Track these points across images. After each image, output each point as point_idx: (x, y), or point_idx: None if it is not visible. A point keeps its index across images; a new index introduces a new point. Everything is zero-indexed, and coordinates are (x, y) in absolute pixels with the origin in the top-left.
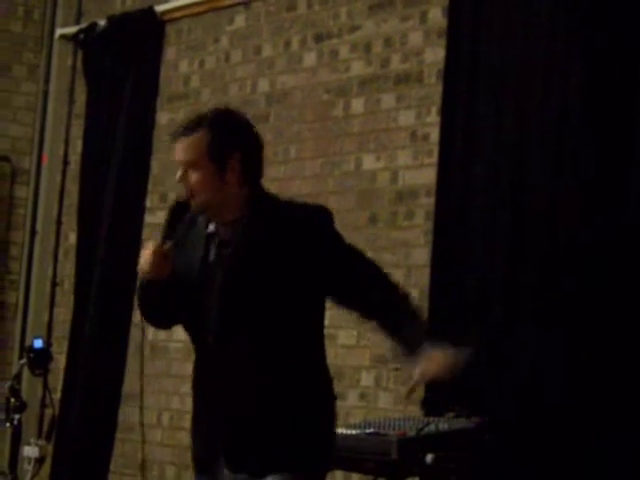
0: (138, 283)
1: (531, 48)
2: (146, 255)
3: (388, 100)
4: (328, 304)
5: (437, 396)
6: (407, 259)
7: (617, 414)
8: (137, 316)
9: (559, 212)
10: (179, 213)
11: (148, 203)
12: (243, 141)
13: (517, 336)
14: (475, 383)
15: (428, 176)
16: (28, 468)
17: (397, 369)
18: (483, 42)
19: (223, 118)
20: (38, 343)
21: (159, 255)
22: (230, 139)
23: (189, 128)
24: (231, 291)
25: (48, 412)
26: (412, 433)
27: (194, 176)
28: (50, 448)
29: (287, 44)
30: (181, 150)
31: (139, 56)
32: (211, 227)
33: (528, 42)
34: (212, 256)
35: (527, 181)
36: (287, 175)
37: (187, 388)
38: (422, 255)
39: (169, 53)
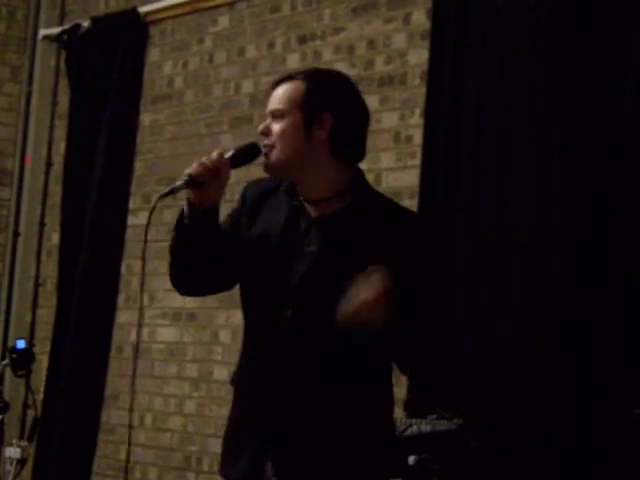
0: (176, 222)
1: (515, 49)
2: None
3: (372, 102)
4: None
5: (419, 397)
6: None
7: (602, 415)
8: (120, 317)
9: (545, 213)
10: (251, 153)
11: (131, 204)
12: (339, 103)
13: (500, 337)
14: (458, 384)
15: (411, 178)
16: (10, 469)
17: None
18: (466, 44)
19: (325, 75)
20: (20, 344)
21: (214, 163)
22: (325, 96)
23: (286, 77)
24: (317, 277)
25: (30, 413)
26: None
27: (277, 126)
28: (32, 449)
29: (271, 45)
30: (272, 99)
31: (122, 57)
32: (296, 201)
33: (512, 44)
34: (302, 230)
35: (512, 182)
36: None
37: (170, 389)
38: None
39: (153, 54)
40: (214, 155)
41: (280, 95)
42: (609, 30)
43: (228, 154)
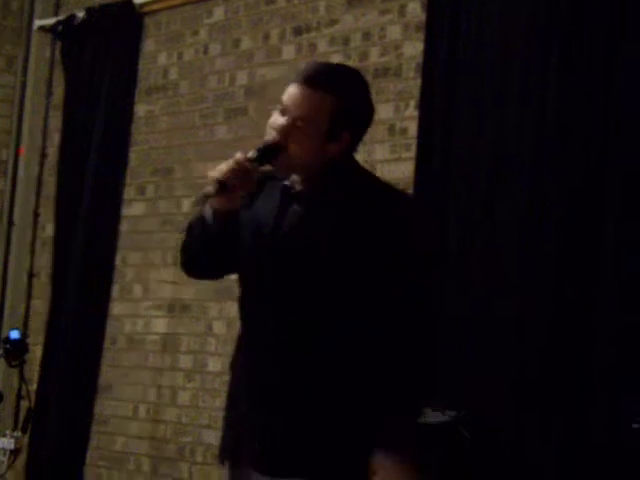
0: (191, 219)
1: (509, 42)
2: (227, 163)
3: None
4: None
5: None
6: None
7: (595, 409)
8: (114, 308)
9: (539, 203)
10: (274, 151)
11: (125, 195)
12: (360, 124)
13: (493, 331)
14: (451, 376)
15: (406, 170)
16: (3, 460)
17: None
18: (461, 36)
19: (357, 94)
20: (14, 334)
21: (243, 167)
22: (351, 119)
23: (320, 81)
24: (291, 253)
25: (24, 404)
26: None
27: (299, 131)
28: (26, 440)
29: (266, 37)
30: (299, 99)
31: (117, 48)
32: (287, 181)
33: (506, 36)
34: (286, 205)
35: (506, 175)
36: None
37: (163, 380)
38: None
39: (147, 45)
40: (239, 158)
41: (308, 101)
42: (604, 24)
43: (252, 155)
